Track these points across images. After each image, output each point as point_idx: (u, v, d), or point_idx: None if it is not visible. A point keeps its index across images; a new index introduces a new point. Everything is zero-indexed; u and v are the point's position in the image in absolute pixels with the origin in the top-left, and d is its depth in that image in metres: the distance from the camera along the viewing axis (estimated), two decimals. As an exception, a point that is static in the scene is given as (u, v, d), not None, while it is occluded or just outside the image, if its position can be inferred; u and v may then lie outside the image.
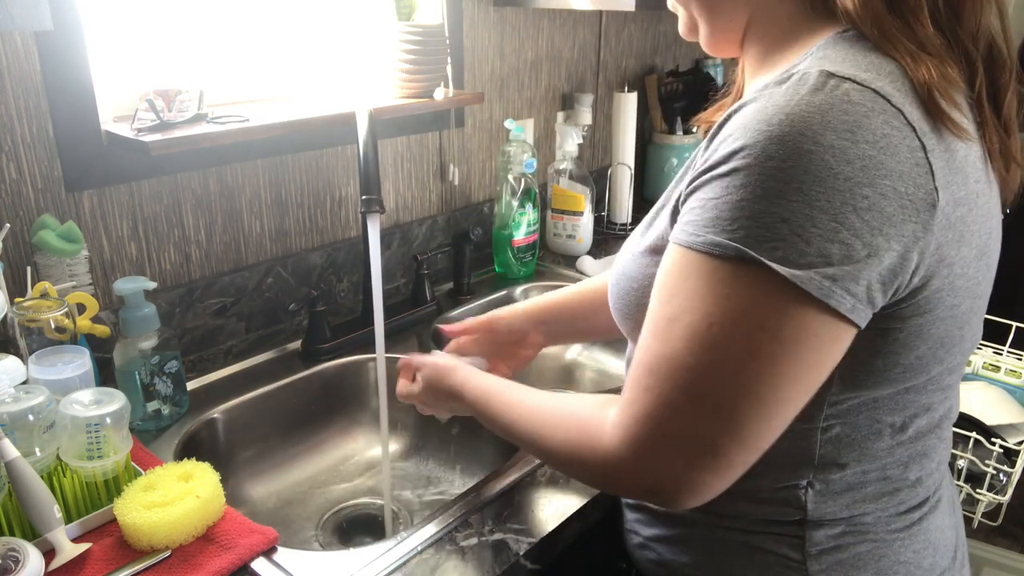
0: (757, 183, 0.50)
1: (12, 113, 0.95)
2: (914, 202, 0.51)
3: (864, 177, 0.49)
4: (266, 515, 1.04)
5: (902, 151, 0.50)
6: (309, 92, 1.30)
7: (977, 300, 0.60)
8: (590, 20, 1.75)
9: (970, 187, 0.55)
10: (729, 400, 0.53)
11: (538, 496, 0.87)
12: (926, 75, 0.52)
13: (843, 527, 0.67)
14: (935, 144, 0.52)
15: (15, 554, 0.69)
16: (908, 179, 0.50)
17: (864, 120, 0.49)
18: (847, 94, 0.50)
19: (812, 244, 0.49)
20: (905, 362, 0.59)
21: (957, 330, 0.59)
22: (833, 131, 0.49)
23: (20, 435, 0.75)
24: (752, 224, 0.50)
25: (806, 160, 0.49)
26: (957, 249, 0.55)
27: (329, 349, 1.18)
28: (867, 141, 0.49)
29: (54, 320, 0.87)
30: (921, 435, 0.66)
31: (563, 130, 1.62)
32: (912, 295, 0.54)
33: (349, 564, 0.77)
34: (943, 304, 0.56)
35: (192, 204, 1.14)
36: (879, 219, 0.50)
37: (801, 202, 0.49)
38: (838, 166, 0.49)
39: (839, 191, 0.49)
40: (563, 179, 1.60)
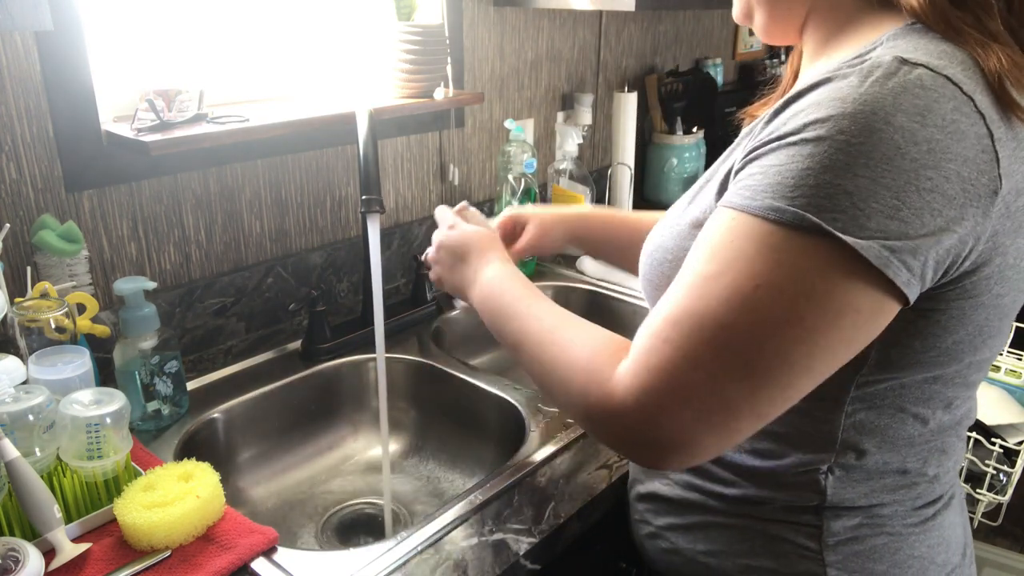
0: (825, 154, 0.51)
1: (12, 113, 0.95)
2: (976, 187, 0.52)
3: (930, 159, 0.50)
4: (266, 515, 1.04)
5: (969, 137, 0.51)
6: (309, 92, 1.30)
7: (1021, 295, 0.60)
8: (590, 20, 1.75)
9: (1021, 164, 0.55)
10: (757, 362, 0.53)
11: (538, 496, 0.87)
12: (996, 64, 0.53)
13: (860, 518, 0.67)
14: (1003, 132, 0.53)
15: (15, 554, 0.69)
16: (973, 164, 0.51)
17: (935, 105, 0.51)
18: (920, 79, 0.51)
19: (872, 219, 0.50)
20: (942, 345, 0.59)
21: (997, 321, 0.60)
22: (904, 113, 0.50)
23: (20, 435, 0.75)
24: (815, 193, 0.51)
25: (876, 138, 0.50)
26: (1013, 239, 0.55)
27: (329, 349, 1.18)
28: (936, 125, 0.50)
29: (54, 320, 0.87)
30: (942, 430, 0.66)
31: (563, 130, 1.62)
32: (961, 278, 0.55)
33: (349, 564, 0.77)
34: (989, 291, 0.57)
35: (192, 204, 1.14)
36: (940, 201, 0.51)
37: (866, 177, 0.50)
38: (906, 146, 0.50)
39: (904, 170, 0.50)
40: (563, 179, 1.60)
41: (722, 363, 0.53)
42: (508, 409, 1.07)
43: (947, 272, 0.54)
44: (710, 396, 0.54)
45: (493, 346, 1.43)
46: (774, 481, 0.68)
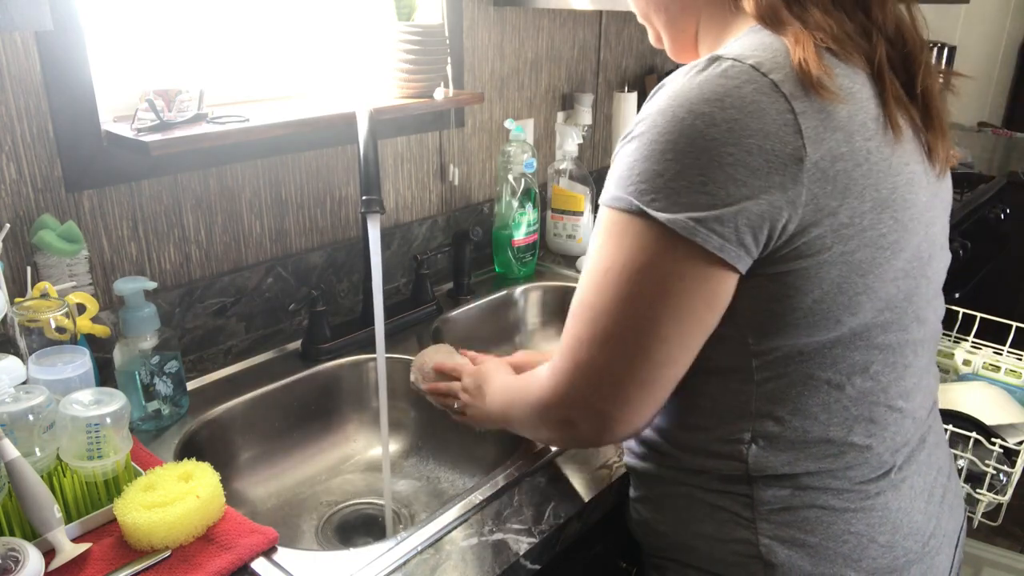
0: (644, 146, 0.61)
1: (12, 113, 0.95)
2: (781, 157, 0.58)
3: (730, 137, 0.57)
4: (266, 515, 1.04)
5: (770, 113, 0.58)
6: (309, 92, 1.31)
7: (884, 251, 0.64)
8: (590, 20, 1.75)
9: (855, 144, 0.61)
10: (620, 336, 0.63)
11: (538, 496, 0.87)
12: (801, 51, 0.60)
13: (790, 488, 0.70)
14: (806, 106, 0.59)
15: (15, 554, 0.69)
16: (774, 137, 0.58)
17: (735, 90, 0.58)
18: (725, 71, 0.59)
19: (682, 195, 0.58)
20: (803, 306, 0.63)
21: (859, 277, 0.63)
22: (706, 101, 0.58)
23: (20, 435, 0.75)
24: (639, 179, 0.61)
25: (680, 126, 0.59)
26: (842, 200, 0.60)
27: (329, 349, 1.18)
28: (734, 107, 0.58)
29: (54, 320, 0.87)
30: (864, 397, 0.68)
31: (563, 130, 1.62)
32: (792, 240, 0.60)
33: (349, 564, 0.77)
34: (829, 250, 0.61)
35: (192, 204, 1.14)
36: (743, 172, 0.58)
37: (674, 160, 0.59)
38: (706, 129, 0.58)
39: (706, 150, 0.58)
40: (563, 179, 1.60)
41: (595, 341, 0.64)
42: (508, 409, 1.07)
43: (771, 236, 0.60)
44: (595, 370, 0.65)
45: (493, 346, 1.43)
46: (705, 452, 0.72)
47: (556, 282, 1.49)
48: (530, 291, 1.48)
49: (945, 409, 1.32)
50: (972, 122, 3.52)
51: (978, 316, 1.56)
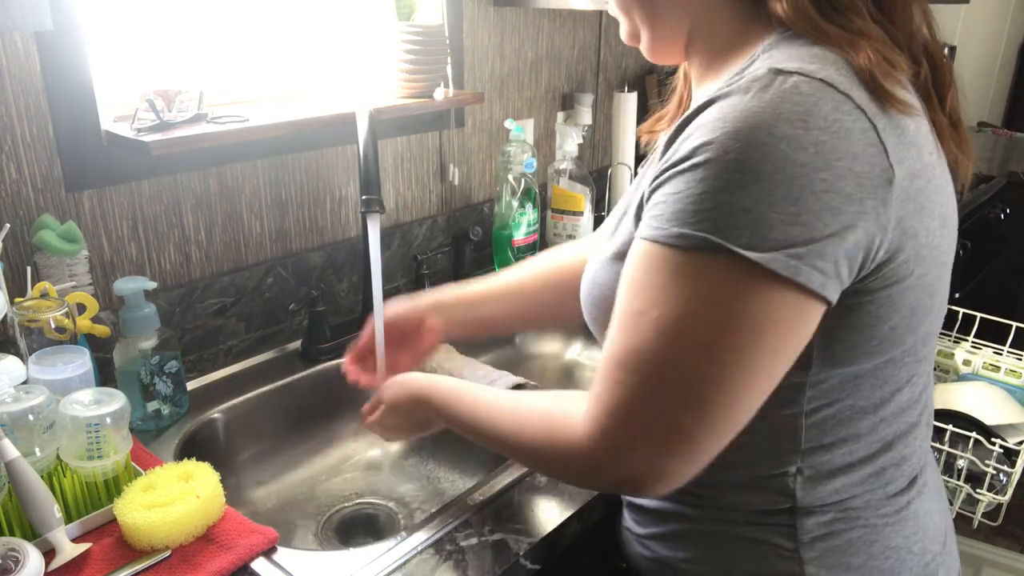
0: (718, 175, 0.52)
1: (12, 113, 0.95)
2: (871, 179, 0.53)
3: (820, 161, 0.51)
4: (266, 515, 1.04)
5: (854, 133, 0.53)
6: (309, 92, 1.30)
7: (944, 268, 0.63)
8: (590, 20, 1.75)
9: (925, 159, 0.58)
10: (697, 388, 0.55)
11: (538, 496, 0.87)
12: (865, 59, 0.55)
13: (833, 513, 0.68)
14: (885, 123, 0.54)
15: (15, 554, 0.69)
16: (863, 159, 0.53)
17: (814, 108, 0.52)
18: (796, 86, 0.53)
19: (775, 229, 0.52)
20: (880, 334, 0.60)
21: (928, 298, 0.61)
22: (786, 121, 0.52)
23: (20, 435, 0.75)
24: (715, 214, 0.52)
25: (762, 151, 0.51)
26: (920, 220, 0.57)
27: (329, 349, 1.18)
28: (819, 127, 0.52)
29: (54, 320, 0.87)
30: (903, 410, 0.67)
31: (563, 130, 1.62)
32: (880, 268, 0.56)
33: (349, 564, 0.77)
34: (911, 274, 0.58)
35: (192, 204, 1.14)
36: (838, 199, 0.52)
37: (760, 190, 0.51)
38: (793, 154, 0.51)
39: (796, 177, 0.51)
40: (563, 179, 1.60)
41: (668, 395, 0.55)
42: (508, 409, 1.07)
43: (863, 265, 0.55)
44: (665, 427, 0.56)
45: (493, 345, 1.43)
46: (746, 488, 0.68)
47: (556, 282, 1.49)
48: (530, 291, 1.48)
49: (945, 409, 1.32)
50: (972, 122, 3.52)
51: (978, 316, 1.56)
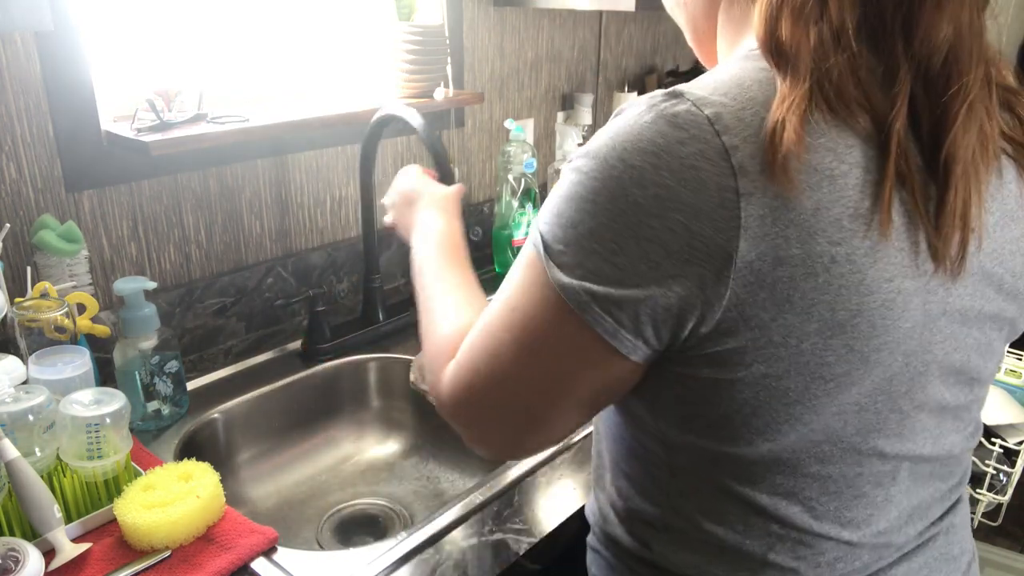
0: (569, 186, 0.50)
1: (12, 113, 0.95)
2: (707, 245, 0.46)
3: (655, 206, 0.46)
4: (266, 515, 1.04)
5: (709, 188, 0.46)
6: (310, 92, 1.30)
7: (826, 383, 0.50)
8: (590, 20, 1.75)
9: (815, 248, 0.46)
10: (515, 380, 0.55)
11: (538, 496, 0.87)
12: (784, 110, 0.46)
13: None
14: (756, 188, 0.45)
15: (15, 554, 0.69)
16: (706, 219, 0.46)
17: (677, 147, 0.46)
18: (675, 116, 0.47)
19: (590, 259, 0.49)
20: (710, 416, 0.53)
21: (782, 406, 0.51)
22: (642, 152, 0.47)
23: (20, 435, 0.75)
24: (555, 222, 0.51)
25: (606, 175, 0.48)
26: (776, 315, 0.47)
27: (329, 349, 1.18)
28: (670, 169, 0.46)
29: (54, 320, 0.87)
30: (790, 520, 0.57)
31: (563, 130, 1.62)
32: (701, 343, 0.50)
33: (349, 564, 0.77)
34: (748, 369, 0.50)
35: (192, 204, 1.14)
36: (659, 253, 0.47)
37: (591, 214, 0.48)
38: (632, 189, 0.47)
39: (626, 214, 0.47)
40: (563, 179, 1.60)
41: (495, 376, 0.55)
42: (508, 409, 1.07)
43: (678, 334, 0.49)
44: (486, 397, 0.57)
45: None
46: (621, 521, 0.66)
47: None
48: (530, 291, 1.48)
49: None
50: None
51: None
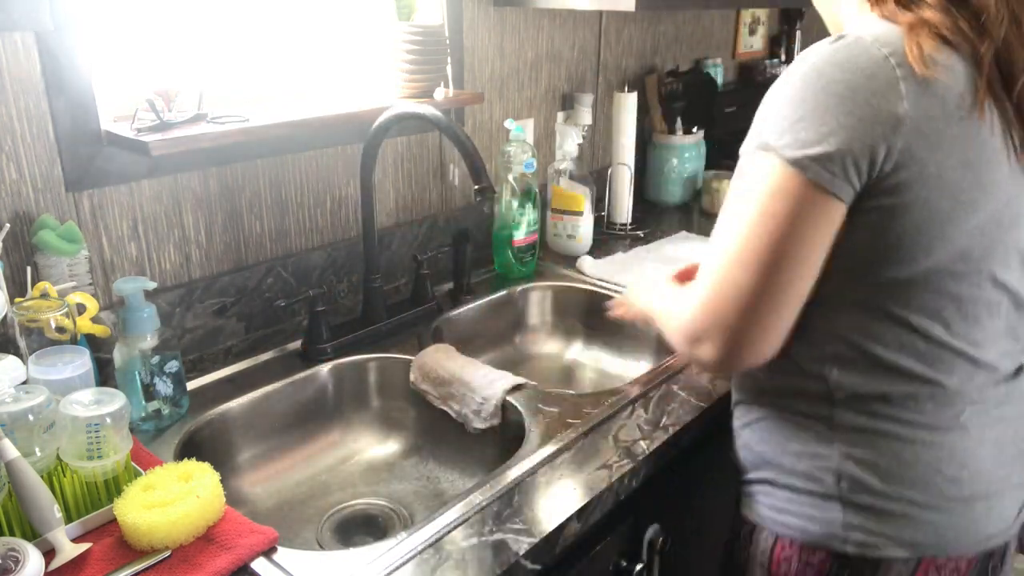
0: (779, 92, 0.76)
1: (12, 113, 0.95)
2: (884, 111, 0.71)
3: (847, 92, 0.72)
4: (266, 515, 1.04)
5: (879, 78, 0.72)
6: (310, 92, 1.31)
7: (964, 205, 0.74)
8: (590, 20, 1.75)
9: (948, 111, 0.73)
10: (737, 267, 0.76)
11: (538, 496, 0.87)
12: (916, 37, 0.73)
13: (865, 415, 0.81)
14: (910, 74, 0.72)
15: (15, 554, 0.69)
16: (881, 95, 0.71)
17: (855, 58, 0.73)
18: (849, 44, 0.74)
19: (806, 134, 0.72)
20: (886, 242, 0.75)
21: (937, 223, 0.74)
22: (832, 64, 0.73)
23: (20, 435, 0.75)
24: (773, 121, 0.75)
25: (809, 81, 0.73)
26: (930, 153, 0.72)
27: (329, 349, 1.18)
28: (853, 71, 0.72)
29: (54, 320, 0.87)
30: (933, 338, 0.78)
31: (563, 130, 1.62)
32: (885, 178, 0.73)
33: (349, 564, 0.77)
34: (913, 192, 0.73)
35: (192, 204, 1.14)
36: (853, 120, 0.71)
37: (803, 108, 0.73)
38: (830, 86, 0.72)
39: (828, 102, 0.72)
40: (563, 179, 1.60)
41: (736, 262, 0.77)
42: (508, 409, 1.07)
43: (871, 172, 0.72)
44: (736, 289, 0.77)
45: (493, 346, 1.43)
46: (795, 372, 0.84)
47: (556, 282, 1.49)
48: (530, 291, 1.48)
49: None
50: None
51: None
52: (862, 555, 0.82)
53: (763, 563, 0.89)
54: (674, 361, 1.17)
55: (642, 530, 1.01)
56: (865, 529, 0.81)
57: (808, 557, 0.85)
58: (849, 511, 0.82)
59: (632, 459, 0.94)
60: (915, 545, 0.81)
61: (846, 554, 0.82)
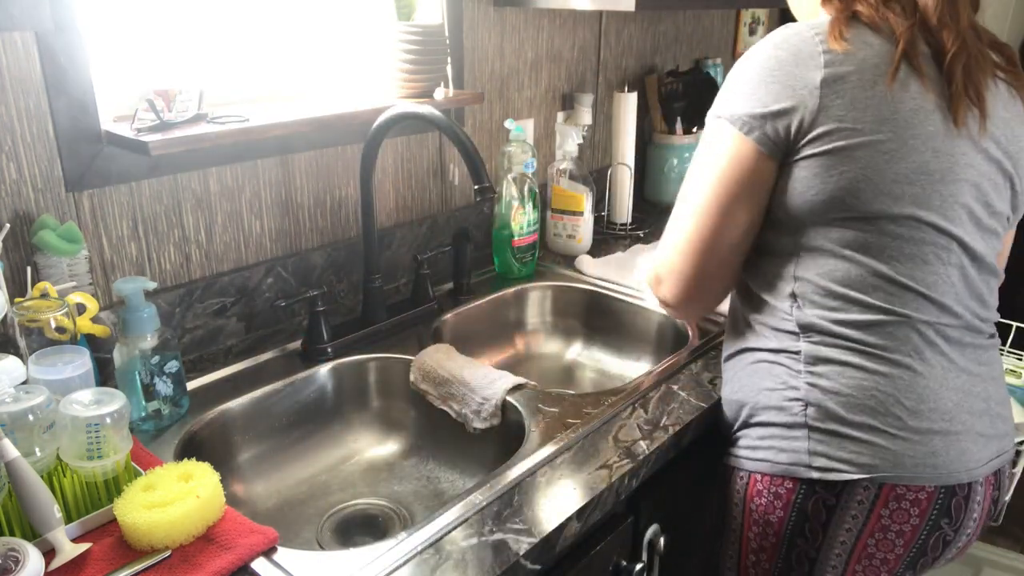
0: (732, 73, 0.91)
1: (12, 113, 0.95)
2: (803, 78, 0.85)
3: (776, 65, 0.87)
4: (266, 515, 1.04)
5: (804, 52, 0.86)
6: (309, 92, 1.31)
7: (883, 155, 0.85)
8: (590, 20, 1.75)
9: (865, 76, 0.85)
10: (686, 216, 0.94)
11: (538, 496, 0.87)
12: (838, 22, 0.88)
13: (830, 347, 0.90)
14: (831, 50, 0.86)
15: (15, 554, 0.69)
16: (803, 65, 0.86)
17: (788, 39, 0.88)
18: (787, 29, 0.89)
19: (742, 103, 0.88)
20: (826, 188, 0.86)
21: (859, 169, 0.85)
22: (772, 45, 0.88)
23: (20, 435, 0.75)
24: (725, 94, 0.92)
25: (752, 60, 0.89)
26: (847, 111, 0.85)
27: (329, 349, 1.18)
28: (784, 47, 0.87)
29: (54, 320, 0.87)
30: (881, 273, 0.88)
31: (563, 130, 1.62)
32: (808, 132, 0.86)
33: (349, 564, 0.77)
34: (834, 143, 0.85)
35: (192, 204, 1.14)
36: (780, 89, 0.86)
37: (742, 80, 0.89)
38: (766, 62, 0.88)
39: (762, 75, 0.88)
40: (563, 179, 1.60)
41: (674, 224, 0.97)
42: (508, 409, 1.07)
43: (797, 130, 0.86)
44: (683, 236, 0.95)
45: (494, 346, 1.43)
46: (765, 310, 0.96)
47: (556, 282, 1.49)
48: (530, 291, 1.48)
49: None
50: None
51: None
52: (825, 480, 0.89)
53: (738, 502, 0.99)
54: (674, 361, 1.17)
55: (642, 530, 1.01)
56: (828, 455, 0.89)
57: (776, 488, 0.93)
58: (814, 438, 0.90)
59: (632, 459, 0.94)
60: (873, 469, 0.88)
61: (811, 480, 0.90)
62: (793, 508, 0.92)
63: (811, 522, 0.92)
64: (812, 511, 0.91)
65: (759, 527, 0.97)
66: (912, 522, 0.89)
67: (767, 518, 0.95)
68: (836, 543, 0.91)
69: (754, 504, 0.96)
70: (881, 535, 0.90)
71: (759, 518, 0.96)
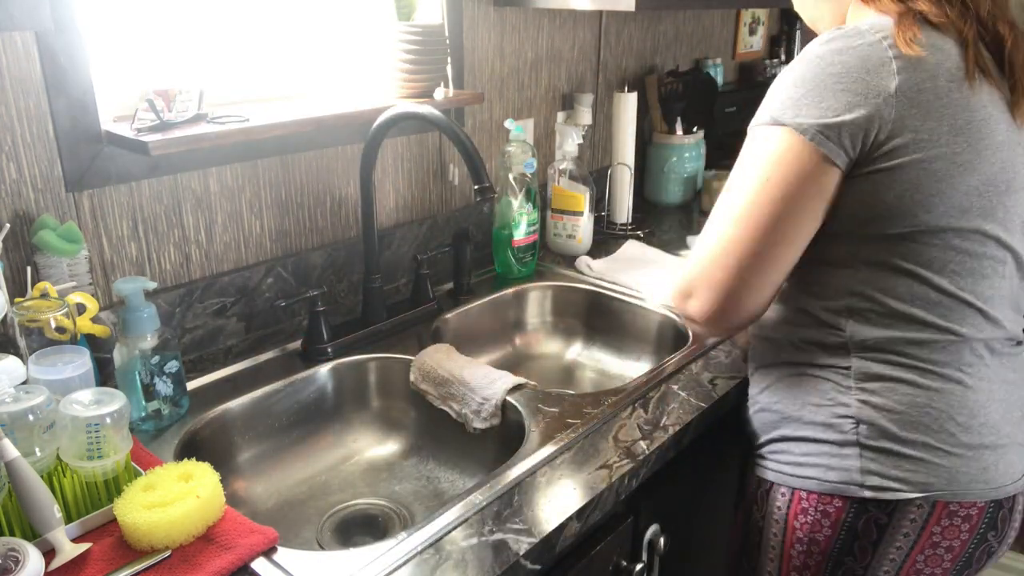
0: (784, 77, 0.86)
1: (12, 113, 0.95)
2: (878, 87, 0.81)
3: (844, 72, 0.81)
4: (266, 515, 1.04)
5: (873, 58, 0.81)
6: (309, 92, 1.31)
7: (958, 167, 0.82)
8: (590, 20, 1.75)
9: (939, 83, 0.82)
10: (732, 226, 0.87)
11: (538, 496, 0.87)
12: (905, 24, 0.83)
13: (882, 363, 0.87)
14: (900, 54, 0.81)
15: (15, 554, 0.69)
16: (874, 73, 0.81)
17: (851, 43, 0.82)
18: (846, 32, 0.84)
19: (807, 110, 0.82)
20: (887, 200, 0.83)
21: (933, 183, 0.82)
22: (831, 50, 0.83)
23: (20, 435, 0.75)
24: (780, 102, 0.84)
25: (811, 65, 0.83)
26: (922, 121, 0.81)
27: (329, 349, 1.18)
28: (849, 53, 0.82)
29: (54, 320, 0.87)
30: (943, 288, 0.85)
31: (563, 130, 1.62)
32: (881, 145, 0.81)
33: (349, 564, 0.77)
34: (907, 155, 0.81)
35: (192, 204, 1.14)
36: (850, 96, 0.81)
37: (804, 87, 0.83)
38: (829, 67, 0.82)
39: (828, 82, 0.82)
40: (563, 179, 1.60)
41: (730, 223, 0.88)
42: (508, 409, 1.07)
43: (865, 143, 0.81)
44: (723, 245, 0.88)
45: (494, 346, 1.43)
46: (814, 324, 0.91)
47: (556, 282, 1.49)
48: (530, 291, 1.48)
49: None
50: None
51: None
52: (878, 499, 0.86)
53: (779, 519, 0.95)
54: (674, 361, 1.17)
55: (642, 530, 1.01)
56: (881, 473, 0.86)
57: (825, 506, 0.90)
58: (867, 456, 0.87)
59: (632, 459, 0.94)
60: (928, 488, 0.85)
61: (863, 499, 0.87)
62: (842, 527, 0.89)
63: (861, 540, 0.89)
64: (863, 530, 0.89)
65: (803, 545, 0.93)
66: (962, 537, 0.87)
67: (813, 536, 0.92)
68: (885, 560, 0.89)
69: (798, 522, 0.93)
70: (931, 551, 0.88)
71: (803, 536, 0.93)
